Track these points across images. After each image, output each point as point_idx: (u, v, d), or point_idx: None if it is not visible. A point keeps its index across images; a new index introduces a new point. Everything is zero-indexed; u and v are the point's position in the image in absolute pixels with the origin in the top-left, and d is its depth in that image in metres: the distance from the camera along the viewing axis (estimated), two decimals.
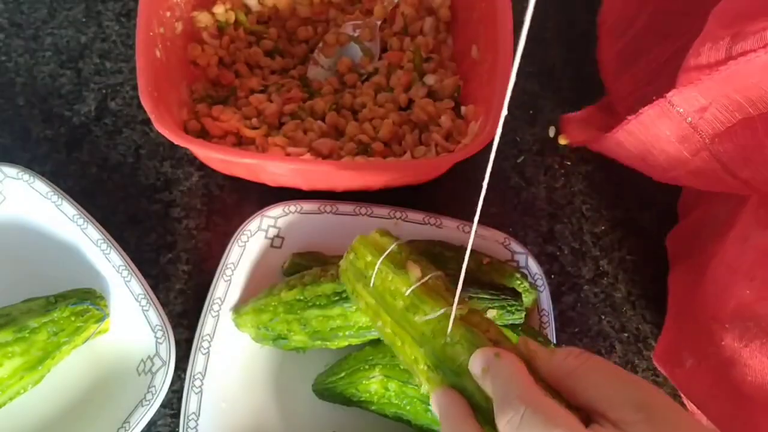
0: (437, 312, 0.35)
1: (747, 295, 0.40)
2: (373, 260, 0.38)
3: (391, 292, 0.37)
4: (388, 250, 0.38)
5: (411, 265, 0.37)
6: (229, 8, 0.60)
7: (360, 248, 0.39)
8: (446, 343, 0.34)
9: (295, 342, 0.47)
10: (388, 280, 0.37)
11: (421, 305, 0.36)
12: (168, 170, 0.57)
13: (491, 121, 0.48)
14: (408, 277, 0.37)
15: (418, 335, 0.35)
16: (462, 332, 0.34)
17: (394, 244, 0.39)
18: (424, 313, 0.35)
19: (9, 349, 0.44)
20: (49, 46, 0.62)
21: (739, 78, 0.38)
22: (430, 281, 0.36)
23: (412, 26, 0.61)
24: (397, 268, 0.37)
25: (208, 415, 0.47)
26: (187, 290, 0.53)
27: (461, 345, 0.33)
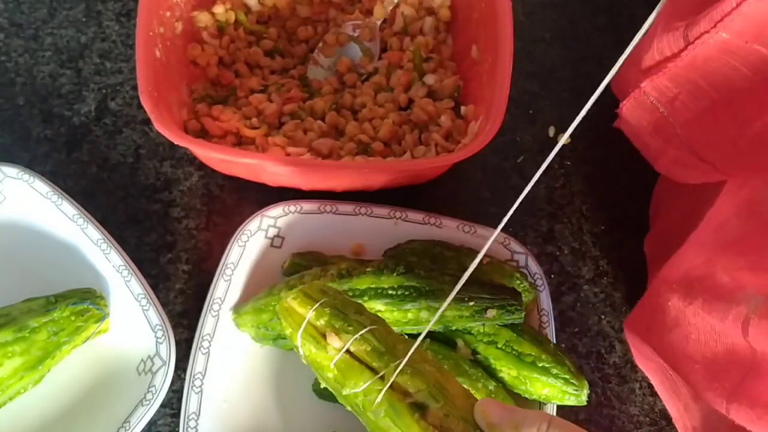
0: (360, 387, 0.34)
1: (696, 260, 0.40)
2: (294, 333, 0.37)
3: (318, 365, 0.36)
4: (304, 322, 0.36)
5: (329, 336, 0.36)
6: (229, 8, 0.60)
7: (283, 317, 0.37)
8: (376, 416, 0.34)
9: None
10: (312, 353, 0.36)
11: (344, 380, 0.35)
12: (168, 170, 0.57)
13: (491, 121, 0.48)
14: (327, 350, 0.35)
15: (352, 405, 0.35)
16: (386, 408, 0.33)
17: (310, 312, 0.36)
18: (350, 386, 0.35)
19: (9, 348, 0.44)
20: (49, 46, 0.62)
21: (701, 63, 0.39)
22: (354, 348, 0.35)
23: (412, 26, 0.61)
24: (315, 340, 0.36)
25: (208, 415, 0.47)
26: (187, 290, 0.53)
27: (389, 420, 0.33)
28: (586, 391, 0.45)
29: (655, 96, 0.44)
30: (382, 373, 0.34)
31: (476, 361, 0.46)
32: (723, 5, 0.36)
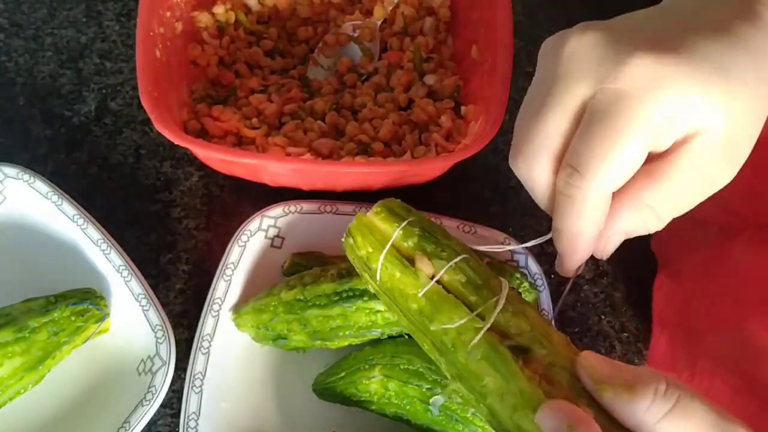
0: (455, 323, 0.29)
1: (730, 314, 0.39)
2: (376, 253, 0.32)
3: (401, 292, 0.31)
4: (391, 240, 0.31)
5: (420, 261, 0.31)
6: (229, 8, 0.60)
7: (359, 235, 0.32)
8: (468, 358, 0.29)
9: (295, 342, 0.47)
10: (396, 278, 0.31)
11: (435, 313, 0.30)
12: (168, 170, 0.57)
13: (491, 121, 0.48)
14: (417, 277, 0.31)
15: (438, 342, 0.30)
16: (484, 350, 0.28)
17: (398, 230, 0.32)
18: (441, 321, 0.30)
19: (9, 348, 0.44)
20: (49, 46, 0.62)
21: None
22: (447, 278, 0.30)
23: (412, 26, 0.61)
24: (403, 264, 0.31)
25: (209, 415, 0.47)
26: (187, 290, 0.53)
27: (486, 364, 0.28)
28: None
29: None
30: (479, 310, 0.29)
31: None
32: None
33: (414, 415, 0.45)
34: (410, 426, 0.46)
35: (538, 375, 0.27)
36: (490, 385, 0.28)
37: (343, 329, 0.45)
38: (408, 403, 0.44)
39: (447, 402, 0.43)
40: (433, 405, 0.43)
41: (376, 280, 0.32)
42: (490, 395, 0.28)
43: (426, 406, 0.44)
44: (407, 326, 0.32)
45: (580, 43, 0.30)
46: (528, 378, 0.27)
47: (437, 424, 0.44)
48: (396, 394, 0.44)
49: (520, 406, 0.27)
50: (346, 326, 0.45)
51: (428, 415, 0.44)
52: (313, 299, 0.45)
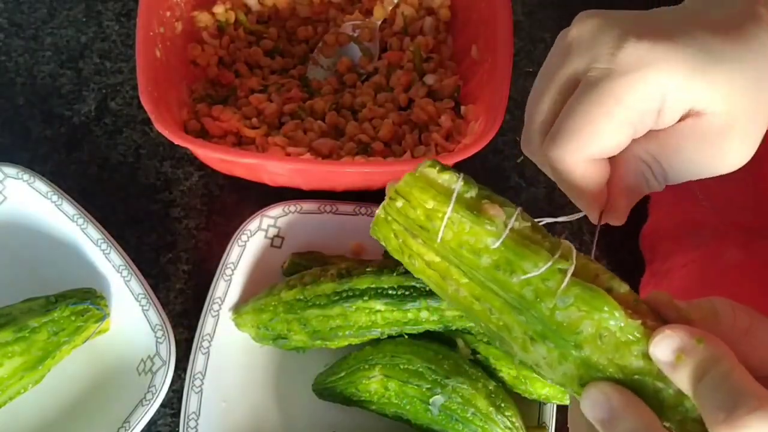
0: (540, 269, 0.26)
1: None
2: (439, 207, 0.28)
3: (471, 247, 0.27)
4: (456, 190, 0.28)
5: (490, 208, 0.28)
6: (229, 8, 0.60)
7: (414, 192, 0.29)
8: (555, 306, 0.26)
9: (295, 341, 0.47)
10: (465, 231, 0.27)
11: (516, 261, 0.27)
12: (168, 170, 0.57)
13: (491, 121, 0.48)
14: (492, 224, 0.27)
15: (516, 299, 0.27)
16: (578, 292, 0.26)
17: (460, 180, 0.28)
18: (523, 271, 0.26)
19: (9, 348, 0.44)
20: (49, 46, 0.62)
21: None
22: (517, 224, 0.28)
23: (411, 26, 0.61)
24: (473, 214, 0.27)
25: (209, 415, 0.47)
26: (187, 290, 0.53)
27: (578, 308, 0.25)
28: None
29: None
30: (559, 253, 0.27)
31: (476, 361, 0.46)
32: None
33: (414, 414, 0.45)
34: (410, 426, 0.46)
35: (629, 310, 0.25)
36: (588, 329, 0.25)
37: (343, 329, 0.45)
38: (408, 402, 0.44)
39: (447, 402, 0.43)
40: (433, 405, 0.43)
41: (435, 242, 0.28)
42: (585, 343, 0.25)
43: (426, 406, 0.44)
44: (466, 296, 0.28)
45: (583, 27, 0.31)
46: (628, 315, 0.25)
47: (437, 423, 0.44)
48: (396, 393, 0.45)
49: (622, 344, 0.25)
50: (346, 326, 0.45)
51: (428, 414, 0.44)
52: (313, 299, 0.45)
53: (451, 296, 0.29)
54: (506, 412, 0.43)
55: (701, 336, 0.24)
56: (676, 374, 0.24)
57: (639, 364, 0.25)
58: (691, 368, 0.23)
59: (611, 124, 0.28)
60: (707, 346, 0.23)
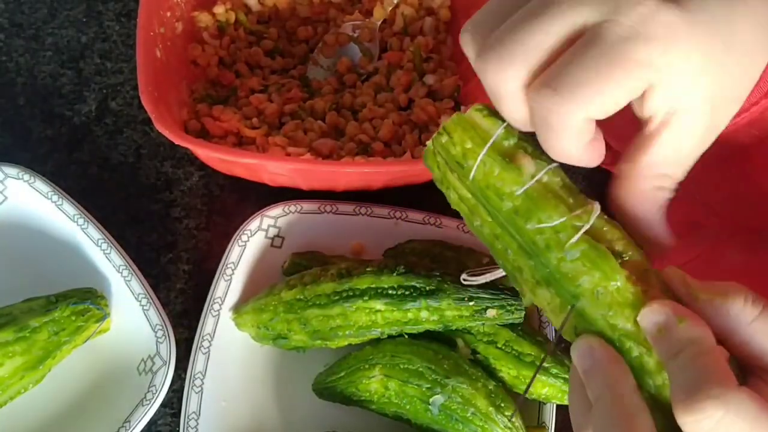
0: (554, 221, 0.29)
1: None
2: (475, 149, 0.30)
3: (497, 190, 0.30)
4: (494, 136, 0.30)
5: (523, 158, 0.30)
6: (229, 8, 0.60)
7: (457, 131, 0.31)
8: (562, 258, 0.28)
9: (295, 341, 0.47)
10: (494, 175, 0.30)
11: (534, 210, 0.29)
12: (168, 170, 0.57)
13: None
14: (520, 173, 0.30)
15: (528, 244, 0.29)
16: (584, 249, 0.28)
17: (501, 128, 0.31)
18: (538, 220, 0.29)
19: (10, 348, 0.44)
20: (49, 46, 0.62)
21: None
22: (546, 179, 0.30)
23: (411, 26, 0.61)
24: (504, 160, 0.30)
25: (209, 415, 0.47)
26: (188, 290, 0.54)
27: (582, 263, 0.28)
28: None
29: None
30: (579, 211, 0.29)
31: (476, 361, 0.46)
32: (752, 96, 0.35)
33: (414, 414, 0.45)
34: (410, 425, 0.46)
35: (634, 276, 0.27)
36: (586, 284, 0.27)
37: (343, 329, 0.45)
38: (408, 402, 0.44)
39: (447, 401, 0.43)
40: (433, 404, 0.43)
41: (467, 179, 0.31)
42: (582, 296, 0.28)
43: (426, 406, 0.44)
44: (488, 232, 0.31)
45: None
46: (628, 278, 0.27)
47: (437, 423, 0.44)
48: (396, 393, 0.45)
49: (616, 304, 0.27)
50: (346, 326, 0.45)
51: (428, 414, 0.44)
52: (313, 299, 0.45)
53: (476, 229, 0.32)
54: (506, 412, 0.43)
55: (683, 316, 0.25)
56: (656, 346, 0.26)
57: (627, 326, 0.27)
58: (669, 344, 0.25)
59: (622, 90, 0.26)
60: (686, 326, 0.25)
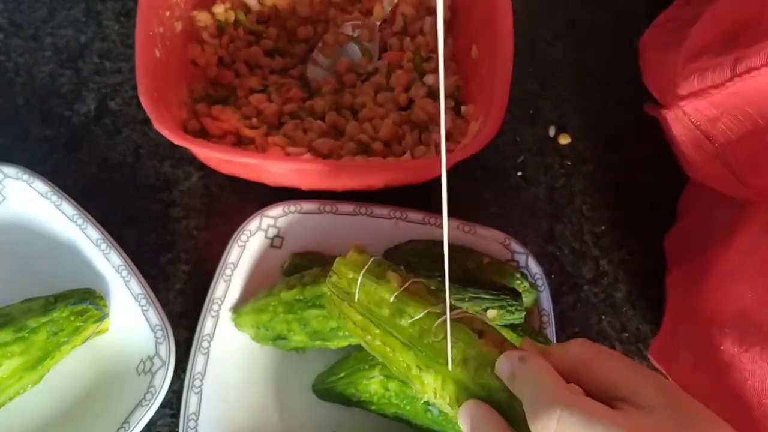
0: (421, 312, 0.36)
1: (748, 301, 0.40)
2: (355, 276, 0.39)
3: (376, 302, 0.38)
4: (367, 264, 0.40)
5: (390, 275, 0.39)
6: (228, 8, 0.60)
7: (341, 268, 0.41)
8: (433, 340, 0.35)
9: (295, 342, 0.47)
10: (372, 291, 0.38)
11: (405, 309, 0.37)
12: (168, 170, 0.57)
13: (491, 121, 0.48)
14: (390, 285, 0.38)
15: (407, 338, 0.37)
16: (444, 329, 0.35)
17: (371, 259, 0.40)
18: (410, 316, 0.37)
19: (8, 349, 0.44)
20: (48, 46, 0.62)
21: (747, 92, 0.39)
22: (411, 287, 0.38)
23: (411, 26, 0.61)
24: (378, 279, 0.39)
25: (208, 415, 0.47)
26: (187, 290, 0.53)
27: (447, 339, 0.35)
28: None
29: (695, 116, 0.44)
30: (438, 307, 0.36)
31: None
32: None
33: (414, 415, 0.45)
34: (410, 426, 0.46)
35: (491, 343, 0.34)
36: (455, 357, 0.34)
37: (342, 329, 0.45)
38: (408, 403, 0.44)
39: None
40: (433, 405, 0.43)
41: (354, 302, 0.39)
42: (456, 365, 0.34)
43: (426, 406, 0.44)
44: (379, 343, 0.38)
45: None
46: (485, 344, 0.34)
47: (437, 424, 0.44)
48: (396, 394, 0.45)
49: (480, 367, 0.33)
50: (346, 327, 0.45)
51: (428, 415, 0.44)
52: (313, 299, 0.45)
53: (369, 345, 0.39)
54: None
55: (523, 355, 0.31)
56: (512, 388, 0.31)
57: (493, 382, 0.33)
58: (519, 381, 0.31)
59: None
60: (527, 361, 0.31)
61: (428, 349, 0.35)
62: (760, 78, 0.38)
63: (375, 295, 0.38)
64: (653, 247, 0.57)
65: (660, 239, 0.57)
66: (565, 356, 0.32)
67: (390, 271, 0.39)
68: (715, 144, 0.44)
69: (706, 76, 0.41)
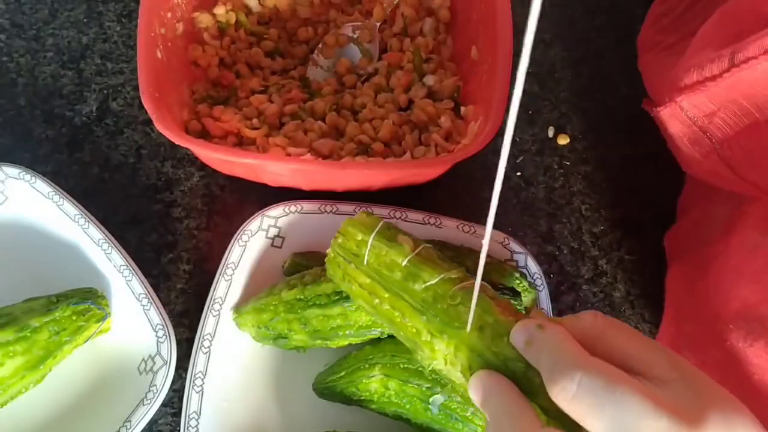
0: (436, 277, 0.36)
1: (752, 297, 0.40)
2: (365, 238, 0.39)
3: (387, 266, 0.38)
4: (377, 226, 0.39)
5: (402, 238, 0.38)
6: (229, 9, 0.60)
7: (349, 229, 0.40)
8: (449, 305, 0.35)
9: (296, 341, 0.47)
10: (383, 254, 0.38)
11: (420, 273, 0.36)
12: (169, 170, 0.58)
13: (491, 122, 0.48)
14: (402, 249, 0.37)
15: (419, 303, 0.36)
16: (463, 295, 0.35)
17: (381, 221, 0.39)
18: (424, 280, 0.36)
19: (10, 348, 0.44)
20: (50, 47, 0.62)
21: (744, 85, 0.39)
22: (423, 251, 0.37)
23: (411, 27, 0.62)
24: (389, 242, 0.38)
25: (209, 414, 0.47)
26: (188, 290, 0.54)
27: (463, 305, 0.34)
28: None
29: (692, 112, 0.44)
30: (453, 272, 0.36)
31: None
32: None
33: (414, 413, 0.45)
34: (410, 425, 0.46)
35: (507, 313, 0.34)
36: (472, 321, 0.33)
37: (343, 328, 0.45)
38: (408, 402, 0.45)
39: (447, 401, 0.43)
40: (433, 404, 0.44)
41: (363, 265, 0.38)
42: (471, 331, 0.33)
43: (426, 405, 0.44)
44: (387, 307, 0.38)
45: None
46: (500, 312, 0.33)
47: (437, 422, 0.44)
48: (396, 393, 0.45)
49: (496, 335, 0.33)
50: (347, 325, 0.45)
51: (428, 413, 0.44)
52: (314, 299, 0.45)
53: (377, 309, 0.38)
54: None
55: (541, 323, 0.31)
56: (527, 356, 0.31)
57: (509, 351, 0.32)
58: (535, 349, 0.30)
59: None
60: (546, 329, 0.30)
61: (442, 314, 0.35)
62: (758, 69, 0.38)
63: (386, 257, 0.37)
64: (652, 247, 0.57)
65: (659, 239, 0.57)
66: (577, 326, 0.31)
67: (401, 235, 0.38)
68: (712, 140, 0.44)
69: (705, 68, 0.41)
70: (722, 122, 0.43)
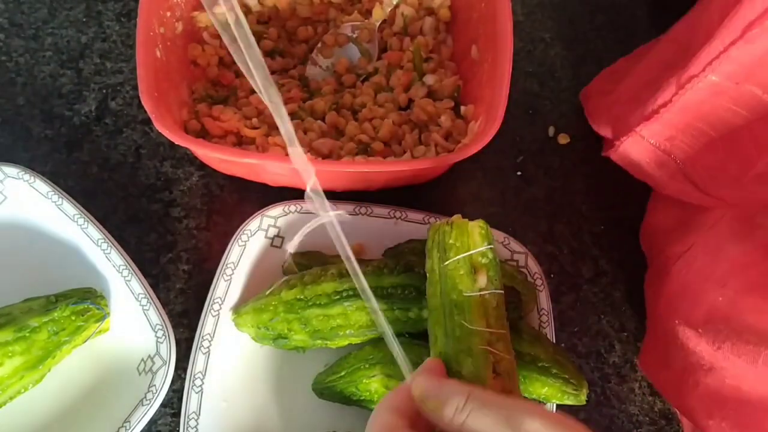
0: (473, 327, 0.37)
1: (719, 300, 0.40)
2: (460, 249, 0.40)
3: (454, 283, 0.39)
4: (473, 251, 0.40)
5: (481, 275, 0.39)
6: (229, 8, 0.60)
7: (456, 230, 0.41)
8: (461, 350, 0.37)
9: (295, 341, 0.47)
10: (459, 273, 0.39)
11: (468, 311, 0.38)
12: (168, 170, 0.58)
13: (491, 121, 0.48)
14: (474, 283, 0.39)
15: (450, 329, 0.38)
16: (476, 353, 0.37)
17: (483, 247, 0.40)
18: (465, 319, 0.38)
19: (9, 348, 0.44)
20: (49, 46, 0.62)
21: (694, 106, 0.42)
22: (487, 296, 0.39)
23: (411, 26, 0.61)
24: (471, 269, 0.39)
25: (209, 415, 0.47)
26: (188, 290, 0.54)
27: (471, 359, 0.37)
28: (585, 391, 0.45)
29: (654, 138, 0.46)
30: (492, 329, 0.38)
31: None
32: (710, 49, 0.37)
33: None
34: None
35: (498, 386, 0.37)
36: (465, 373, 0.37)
37: (343, 328, 0.45)
38: None
39: None
40: None
41: (442, 262, 0.40)
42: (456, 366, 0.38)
43: None
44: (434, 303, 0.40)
45: None
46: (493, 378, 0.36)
47: None
48: None
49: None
50: (347, 325, 0.45)
51: None
52: (314, 299, 0.45)
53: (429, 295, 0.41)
54: None
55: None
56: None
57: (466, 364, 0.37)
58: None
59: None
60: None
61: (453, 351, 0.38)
62: (701, 88, 0.40)
63: (458, 277, 0.39)
64: None
65: None
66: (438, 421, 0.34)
67: (484, 272, 0.39)
68: (676, 160, 0.46)
69: (657, 97, 0.43)
70: (683, 144, 0.45)
